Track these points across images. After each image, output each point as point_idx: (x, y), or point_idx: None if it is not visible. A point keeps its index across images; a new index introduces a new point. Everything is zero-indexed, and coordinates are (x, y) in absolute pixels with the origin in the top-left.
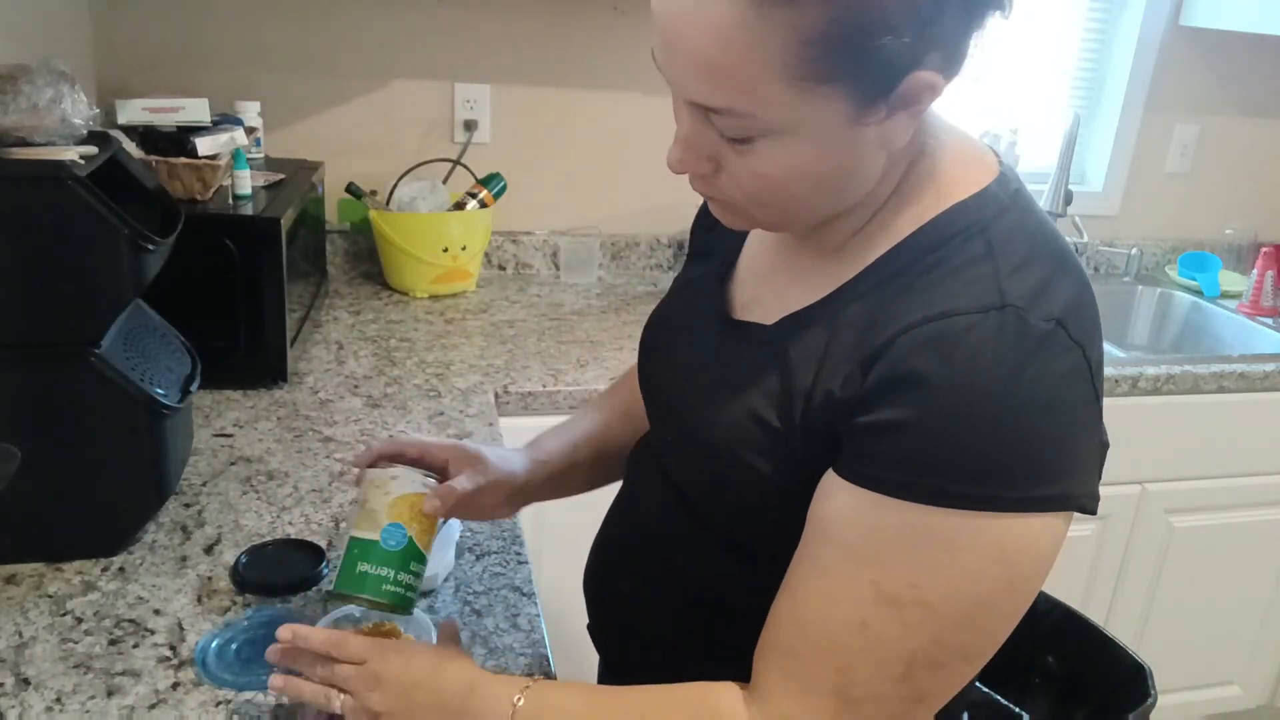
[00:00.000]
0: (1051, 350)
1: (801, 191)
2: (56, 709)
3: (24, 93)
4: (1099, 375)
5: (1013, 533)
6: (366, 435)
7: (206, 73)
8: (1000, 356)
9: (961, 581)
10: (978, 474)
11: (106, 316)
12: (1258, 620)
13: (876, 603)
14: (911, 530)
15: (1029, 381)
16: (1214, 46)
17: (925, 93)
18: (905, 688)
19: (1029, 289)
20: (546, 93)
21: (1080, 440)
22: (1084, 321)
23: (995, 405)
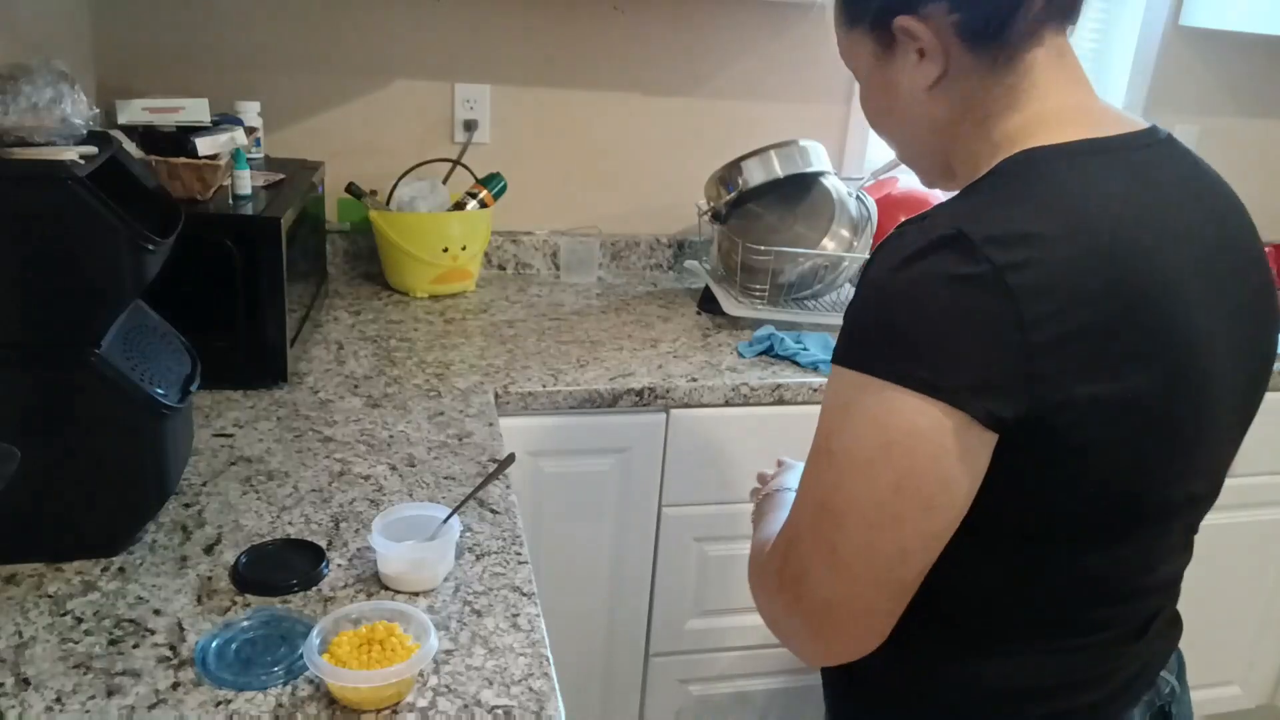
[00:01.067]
0: (939, 252)
1: (880, 121)
2: (56, 709)
3: (24, 93)
4: (1033, 312)
5: (886, 402)
6: (366, 435)
7: (206, 73)
8: (896, 250)
9: (851, 436)
10: (863, 341)
11: (106, 316)
12: (1258, 620)
13: (814, 453)
14: (835, 392)
15: (908, 274)
16: (1214, 46)
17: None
18: (818, 532)
19: (963, 211)
20: (546, 93)
21: (956, 339)
22: (1018, 254)
23: (878, 287)
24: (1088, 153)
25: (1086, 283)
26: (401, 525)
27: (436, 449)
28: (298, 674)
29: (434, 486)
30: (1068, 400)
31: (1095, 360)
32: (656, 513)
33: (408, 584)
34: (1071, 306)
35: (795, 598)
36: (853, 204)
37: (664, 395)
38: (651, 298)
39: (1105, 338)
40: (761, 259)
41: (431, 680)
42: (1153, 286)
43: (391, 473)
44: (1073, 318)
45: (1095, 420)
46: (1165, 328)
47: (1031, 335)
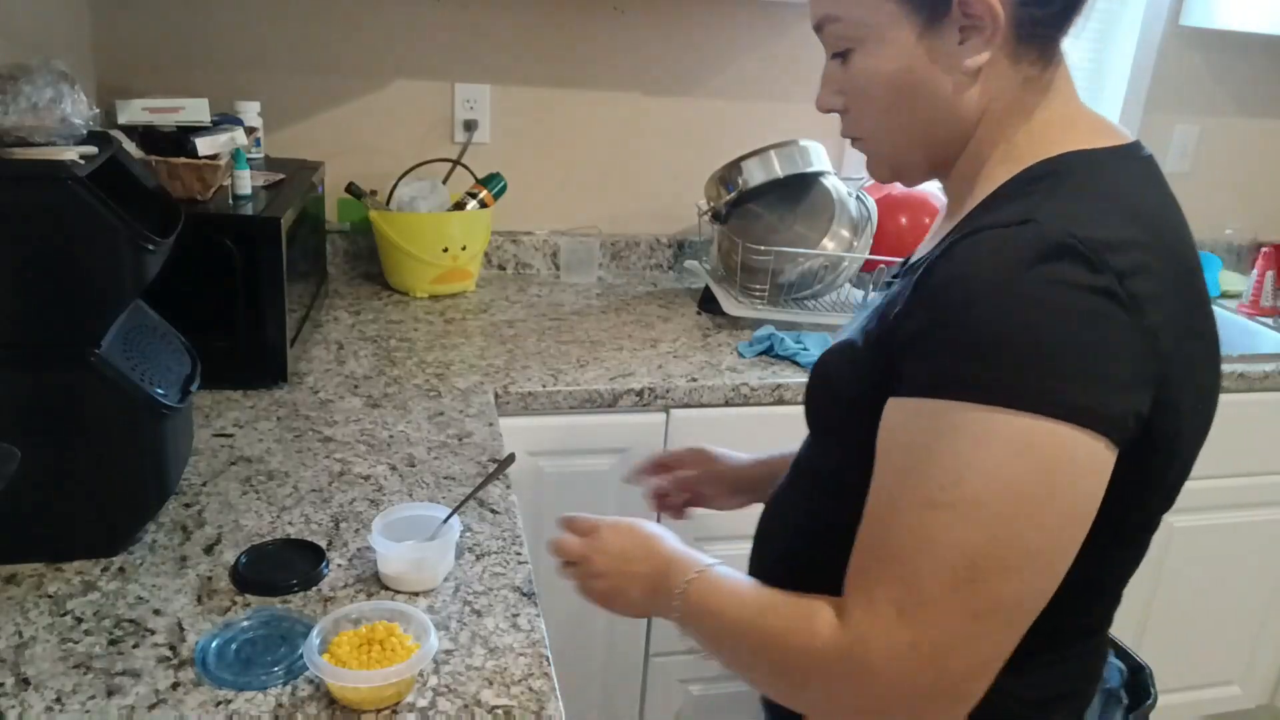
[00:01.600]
0: (1062, 260)
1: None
2: (56, 709)
3: (24, 93)
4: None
5: (1033, 428)
6: (366, 435)
7: (206, 73)
8: (1005, 257)
9: (996, 473)
10: (986, 368)
11: (106, 316)
12: (1258, 620)
13: (925, 507)
14: (941, 428)
15: (1029, 279)
16: (1214, 46)
17: (983, 11)
18: (968, 594)
19: (1063, 212)
20: (546, 93)
21: (1091, 353)
22: (1129, 261)
23: (993, 298)
24: (1124, 158)
25: (1176, 288)
26: (401, 525)
27: (436, 449)
28: (298, 674)
29: (434, 486)
30: (1174, 406)
31: (1190, 363)
32: (656, 513)
33: (408, 584)
34: (1172, 312)
35: (937, 674)
36: (853, 204)
37: (664, 395)
38: (651, 298)
39: (1192, 340)
40: (761, 259)
41: (431, 680)
42: (1203, 288)
43: (391, 473)
44: (1175, 323)
45: (1185, 422)
46: (1212, 328)
47: (1158, 344)
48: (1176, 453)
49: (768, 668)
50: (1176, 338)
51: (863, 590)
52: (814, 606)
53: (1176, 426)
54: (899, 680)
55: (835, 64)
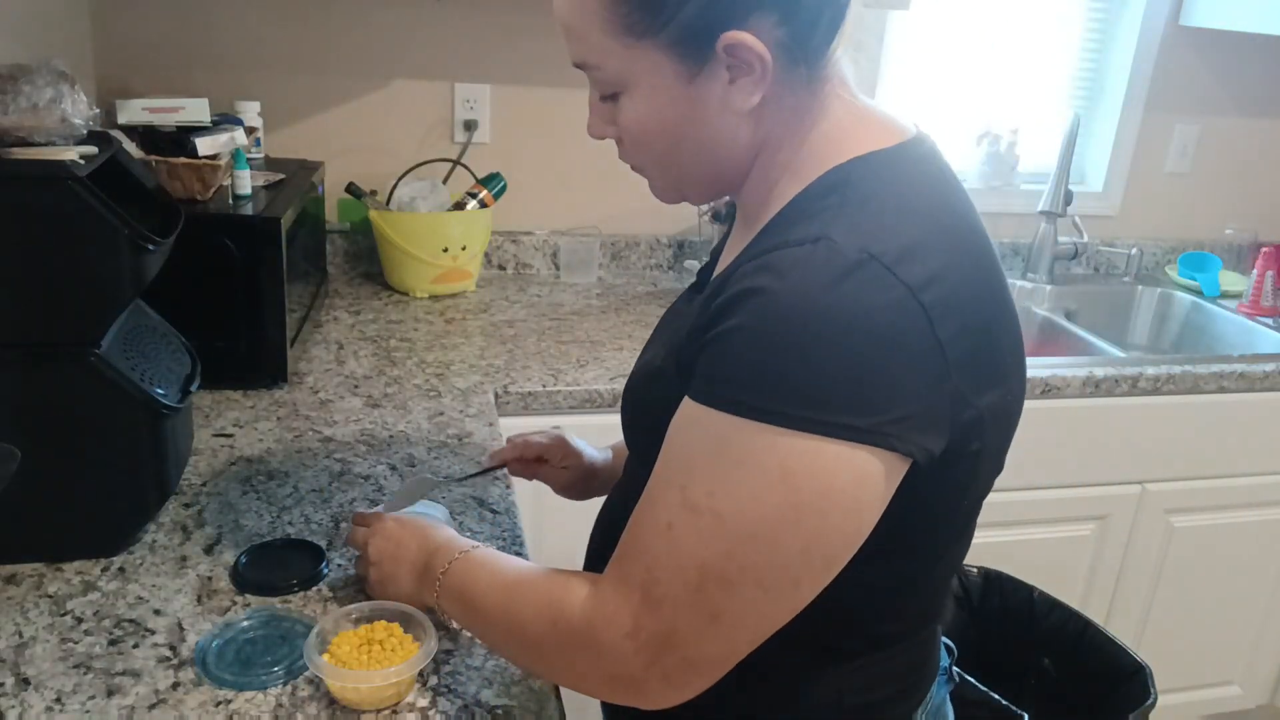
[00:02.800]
0: (860, 280)
1: (661, 146)
2: (56, 709)
3: (24, 93)
4: (945, 330)
5: (796, 454)
6: (366, 435)
7: (206, 73)
8: (800, 279)
9: (748, 497)
10: (762, 386)
11: (106, 316)
12: (1258, 620)
13: (680, 507)
14: (713, 439)
15: (822, 305)
16: (1214, 46)
17: (747, 55)
18: (699, 597)
19: (852, 226)
20: (546, 93)
21: (887, 376)
22: (922, 270)
23: (782, 323)
24: (913, 158)
25: (972, 291)
26: None
27: (436, 449)
28: (298, 674)
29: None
30: (975, 414)
31: (988, 368)
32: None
33: None
34: (968, 318)
35: (653, 660)
36: None
37: None
38: (651, 298)
39: (990, 344)
40: None
41: (431, 680)
42: (1002, 284)
43: (391, 473)
44: (970, 329)
45: (989, 429)
46: (1014, 324)
47: (949, 354)
48: (981, 454)
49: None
50: (973, 337)
51: (617, 567)
52: (571, 582)
53: (978, 429)
54: (618, 659)
55: (597, 98)
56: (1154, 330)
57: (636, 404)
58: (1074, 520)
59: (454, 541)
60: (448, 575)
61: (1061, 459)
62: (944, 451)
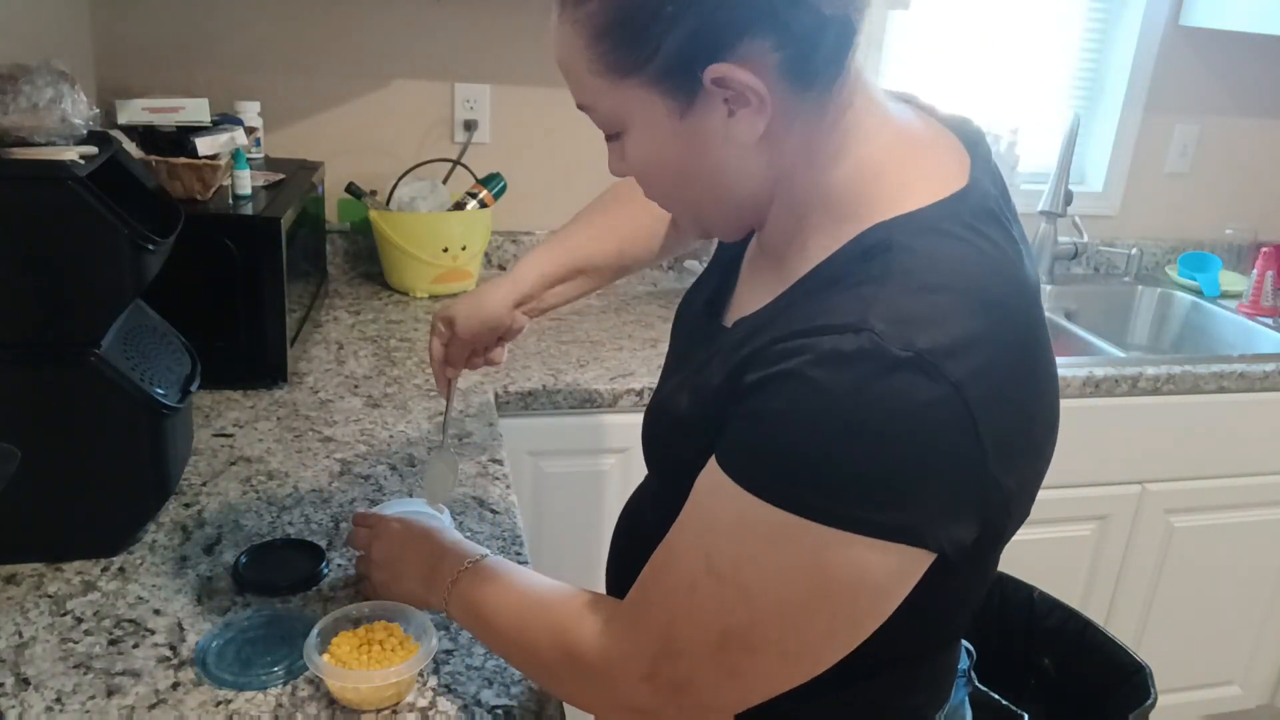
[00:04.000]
0: (904, 378)
1: (671, 183)
2: (56, 709)
3: (24, 93)
4: (986, 424)
5: (831, 549)
6: (366, 435)
7: (206, 73)
8: (841, 374)
9: (776, 579)
10: (796, 478)
11: (106, 316)
12: (1258, 620)
13: (706, 572)
14: (742, 516)
15: (865, 402)
16: (1214, 46)
17: (740, 85)
18: (721, 656)
19: (900, 315)
20: (546, 93)
21: (926, 476)
22: (968, 365)
23: (823, 416)
24: (964, 218)
25: (1016, 376)
26: None
27: (436, 449)
28: (298, 674)
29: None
30: (1005, 496)
31: (1022, 446)
32: None
33: None
34: (1008, 405)
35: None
36: None
37: None
38: (651, 298)
39: (1028, 423)
40: None
41: (431, 680)
42: (1045, 351)
43: (391, 473)
44: (1010, 415)
45: (1019, 501)
46: (1053, 392)
47: (987, 445)
48: (1009, 527)
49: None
50: (1012, 421)
51: (637, 611)
52: (585, 613)
53: (1009, 507)
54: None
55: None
56: (1154, 330)
57: (659, 446)
58: (1074, 520)
59: (461, 547)
60: (457, 585)
61: (1061, 459)
62: (977, 537)
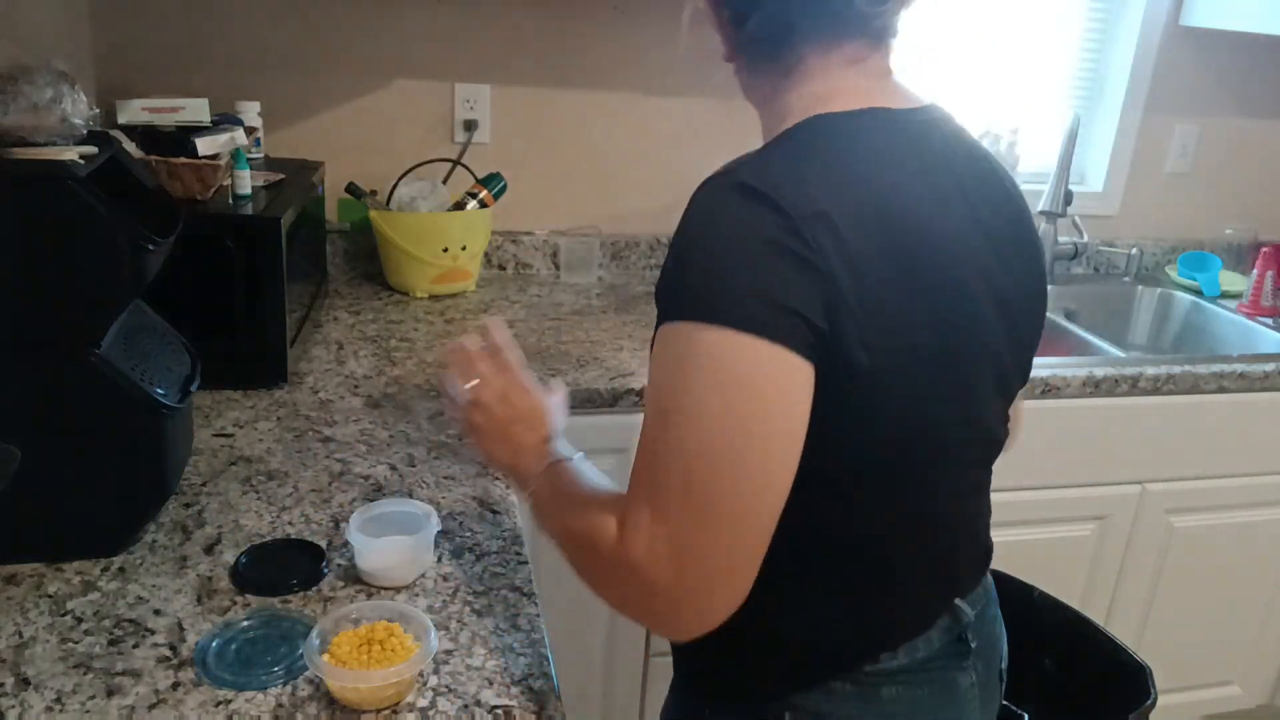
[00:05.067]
0: (743, 199)
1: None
2: (56, 709)
3: (24, 93)
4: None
5: (712, 346)
6: (366, 435)
7: (206, 73)
8: (702, 201)
9: (696, 383)
10: (674, 292)
11: (106, 316)
12: (1258, 620)
13: (655, 418)
14: (666, 347)
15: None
16: (1214, 46)
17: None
18: (690, 498)
19: (759, 165)
20: (546, 93)
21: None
22: (806, 207)
23: (684, 238)
24: (868, 118)
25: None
26: (382, 521)
27: (436, 449)
28: (298, 674)
29: (434, 486)
30: (863, 344)
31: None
32: None
33: (386, 579)
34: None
35: (675, 570)
36: None
37: None
38: (651, 298)
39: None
40: None
41: (431, 680)
42: (926, 241)
43: (391, 473)
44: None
45: (887, 366)
46: (939, 282)
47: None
48: (878, 389)
49: (576, 561)
50: (861, 280)
51: (630, 492)
52: (610, 512)
53: (871, 360)
54: (650, 577)
55: None
56: (1154, 330)
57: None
58: (1074, 520)
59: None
60: (541, 478)
61: (1061, 459)
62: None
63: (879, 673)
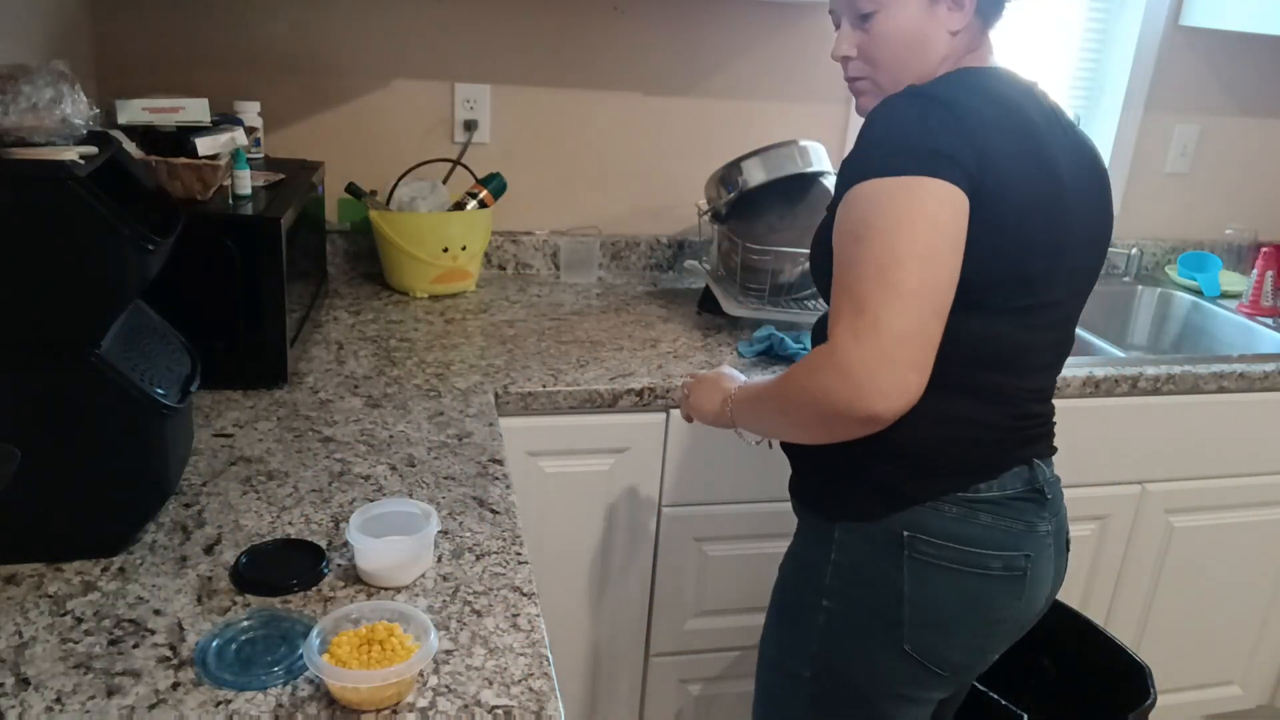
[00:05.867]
0: (907, 100)
1: (901, 52)
2: (56, 709)
3: (24, 93)
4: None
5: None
6: (366, 435)
7: (206, 73)
8: (885, 104)
9: (886, 216)
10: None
11: (106, 316)
12: (1258, 620)
13: (850, 245)
14: (853, 200)
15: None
16: (1214, 46)
17: None
18: (882, 282)
19: (929, 88)
20: (546, 93)
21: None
22: (963, 109)
23: (872, 124)
24: (1000, 75)
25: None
26: (382, 521)
27: (436, 449)
28: (298, 674)
29: (434, 486)
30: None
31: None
32: (656, 513)
33: (385, 579)
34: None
35: (874, 341)
36: None
37: (664, 395)
38: (651, 298)
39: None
40: (761, 259)
41: (431, 680)
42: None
43: (391, 473)
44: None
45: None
46: (1049, 176)
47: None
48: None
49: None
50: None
51: (834, 317)
52: (804, 358)
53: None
54: (852, 357)
55: (853, 27)
56: (1154, 330)
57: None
58: (1074, 520)
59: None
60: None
61: (1061, 459)
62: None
63: (979, 500)
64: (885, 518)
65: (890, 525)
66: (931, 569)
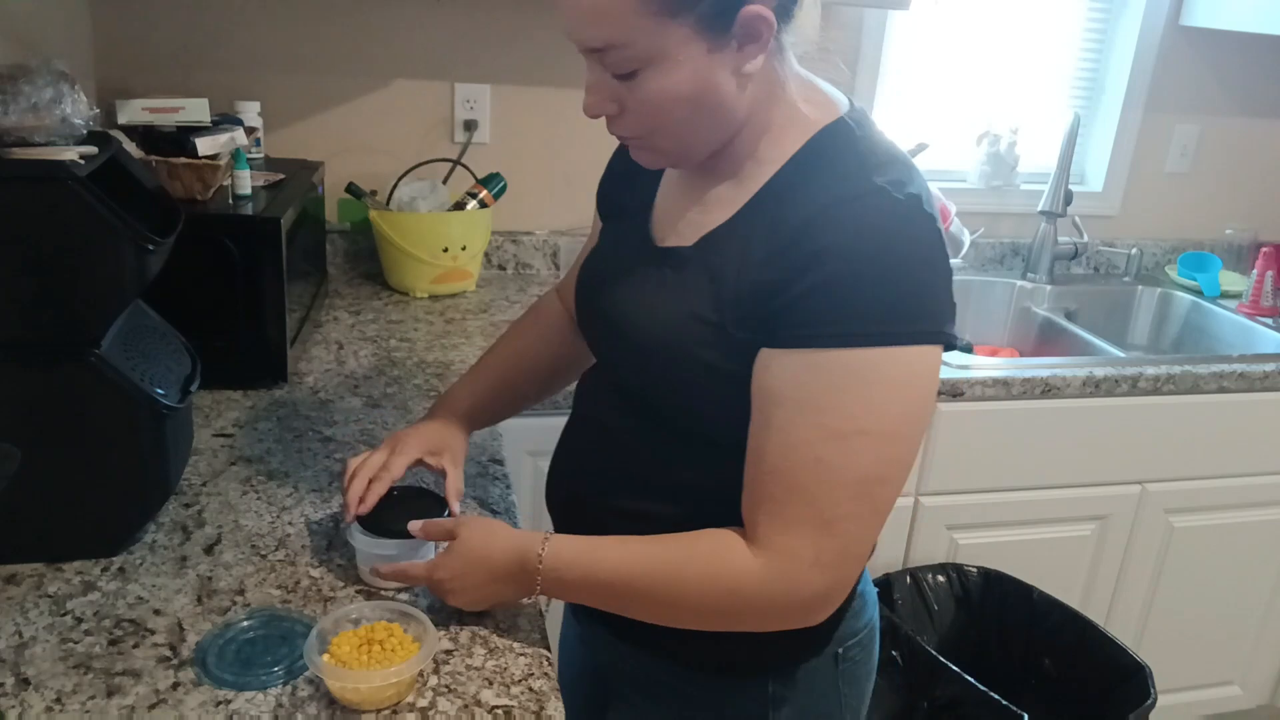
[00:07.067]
0: (912, 216)
1: (684, 114)
2: (56, 709)
3: (24, 93)
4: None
5: (908, 365)
6: (366, 435)
7: (206, 73)
8: (879, 224)
9: (884, 408)
10: (871, 315)
11: (106, 316)
12: (1258, 620)
13: (824, 441)
14: (839, 374)
15: (902, 241)
16: (1214, 46)
17: (761, 24)
18: (863, 501)
19: (890, 178)
20: (546, 93)
21: (942, 286)
22: (932, 204)
23: (869, 263)
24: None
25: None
26: None
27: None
28: (298, 674)
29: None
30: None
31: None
32: None
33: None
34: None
35: (842, 572)
36: None
37: None
38: None
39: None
40: None
41: (431, 680)
42: None
43: None
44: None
45: None
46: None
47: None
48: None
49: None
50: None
51: (776, 516)
52: (727, 548)
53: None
54: (808, 591)
55: (606, 77)
56: (1154, 330)
57: (676, 362)
58: (1074, 520)
59: (526, 535)
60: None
61: (1061, 459)
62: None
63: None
64: (828, 639)
65: (831, 647)
66: (859, 667)
